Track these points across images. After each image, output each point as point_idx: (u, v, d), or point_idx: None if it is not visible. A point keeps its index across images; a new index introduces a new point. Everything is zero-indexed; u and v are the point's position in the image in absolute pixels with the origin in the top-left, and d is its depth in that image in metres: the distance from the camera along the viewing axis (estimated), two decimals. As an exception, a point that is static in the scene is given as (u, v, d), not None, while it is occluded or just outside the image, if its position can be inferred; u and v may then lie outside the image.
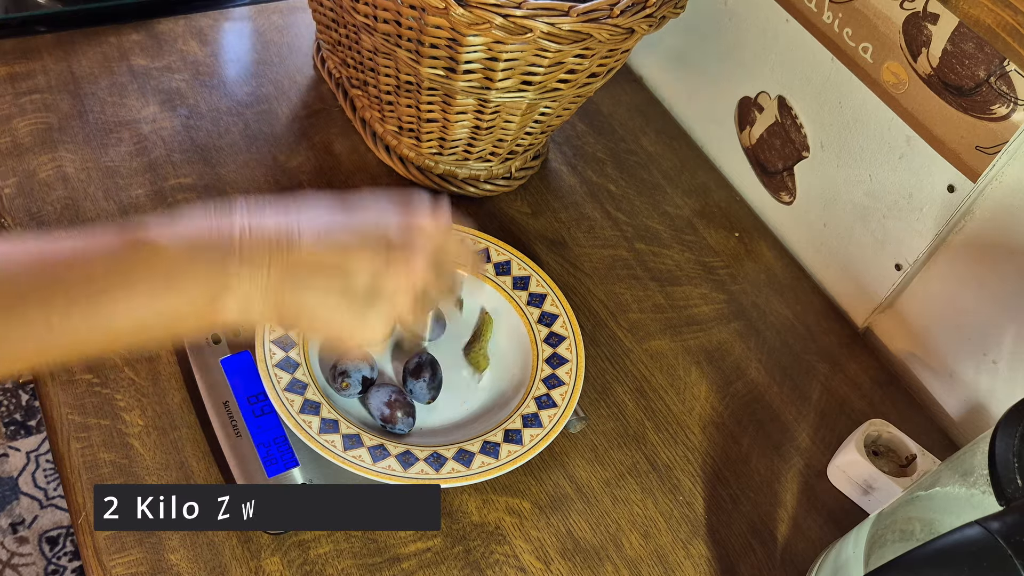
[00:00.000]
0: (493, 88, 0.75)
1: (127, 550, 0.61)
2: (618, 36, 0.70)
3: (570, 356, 0.73)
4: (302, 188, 0.86)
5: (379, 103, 0.86)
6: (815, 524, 0.73)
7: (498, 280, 0.77)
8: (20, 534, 1.45)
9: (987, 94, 0.70)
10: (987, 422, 0.78)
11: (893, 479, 0.71)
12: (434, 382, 0.71)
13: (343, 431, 0.65)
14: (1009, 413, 0.50)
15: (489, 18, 0.66)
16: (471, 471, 0.65)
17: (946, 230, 0.77)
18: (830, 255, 0.89)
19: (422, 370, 0.71)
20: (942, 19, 0.72)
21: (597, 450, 0.73)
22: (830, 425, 0.79)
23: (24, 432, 1.56)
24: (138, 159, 0.84)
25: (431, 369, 0.71)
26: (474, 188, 0.88)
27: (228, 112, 0.91)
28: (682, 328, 0.84)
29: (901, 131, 0.78)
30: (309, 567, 0.63)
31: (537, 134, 0.85)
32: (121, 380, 0.70)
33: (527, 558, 0.66)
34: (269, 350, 0.68)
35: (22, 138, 0.84)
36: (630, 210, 0.93)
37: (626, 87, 1.06)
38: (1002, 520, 0.43)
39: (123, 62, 0.93)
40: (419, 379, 0.70)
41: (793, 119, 0.89)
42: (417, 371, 0.71)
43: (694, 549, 0.69)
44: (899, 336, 0.85)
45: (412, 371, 0.71)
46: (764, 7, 0.88)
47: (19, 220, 0.77)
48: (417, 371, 0.71)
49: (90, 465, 0.65)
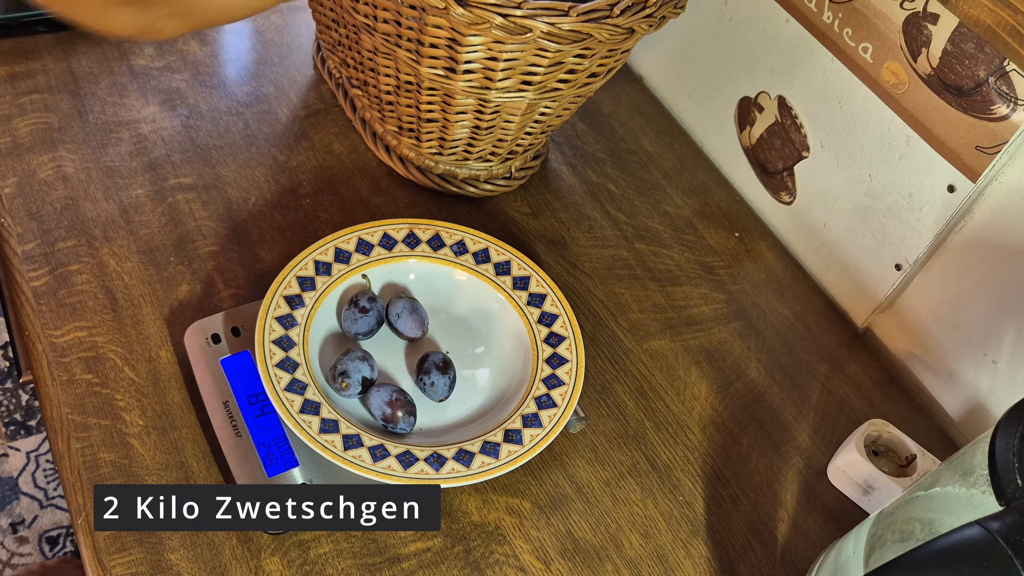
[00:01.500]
0: (493, 88, 0.75)
1: (127, 550, 0.61)
2: (618, 36, 0.70)
3: (570, 356, 0.73)
4: (302, 188, 0.86)
5: (379, 103, 0.86)
6: (815, 524, 0.73)
7: (498, 280, 0.77)
8: (20, 534, 1.45)
9: (987, 94, 0.70)
10: (987, 422, 0.78)
11: (893, 479, 0.71)
12: (453, 380, 0.72)
13: (343, 431, 0.65)
14: (1009, 413, 0.50)
15: (489, 18, 0.66)
16: (471, 471, 0.65)
17: (946, 230, 0.77)
18: (830, 255, 0.89)
19: (448, 367, 0.71)
20: (942, 19, 0.72)
21: (597, 450, 0.73)
22: (830, 425, 0.79)
23: (24, 432, 1.56)
24: (138, 159, 0.84)
25: (453, 368, 0.72)
26: (474, 188, 0.88)
27: (228, 112, 0.91)
28: (682, 328, 0.84)
29: (901, 131, 0.78)
30: (309, 567, 0.63)
31: (537, 134, 0.85)
32: (121, 380, 0.70)
33: (527, 558, 0.66)
34: (269, 350, 0.68)
35: (22, 138, 0.84)
36: (630, 210, 0.93)
37: (626, 87, 1.06)
38: (1002, 520, 0.43)
39: (123, 62, 0.93)
40: (445, 374, 0.71)
41: (793, 119, 0.89)
42: (445, 367, 0.71)
43: (694, 549, 0.69)
44: (899, 336, 0.85)
45: (440, 366, 0.71)
46: (764, 7, 0.88)
47: (19, 220, 0.77)
48: (445, 367, 0.71)
49: (90, 465, 0.65)
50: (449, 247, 0.78)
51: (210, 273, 0.77)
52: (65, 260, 0.76)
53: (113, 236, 0.78)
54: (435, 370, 0.71)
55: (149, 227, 0.80)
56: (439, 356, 0.72)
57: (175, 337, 0.73)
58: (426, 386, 0.71)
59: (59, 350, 0.70)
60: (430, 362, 0.72)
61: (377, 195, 0.87)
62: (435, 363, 0.71)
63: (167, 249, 0.78)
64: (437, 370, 0.71)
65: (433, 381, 0.71)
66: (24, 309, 0.73)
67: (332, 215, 0.84)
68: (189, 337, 0.71)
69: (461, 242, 0.78)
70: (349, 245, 0.76)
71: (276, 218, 0.83)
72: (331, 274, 0.74)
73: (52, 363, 0.69)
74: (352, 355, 0.69)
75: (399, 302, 0.74)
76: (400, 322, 0.73)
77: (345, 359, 0.69)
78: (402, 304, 0.74)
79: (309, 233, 0.82)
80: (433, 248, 0.78)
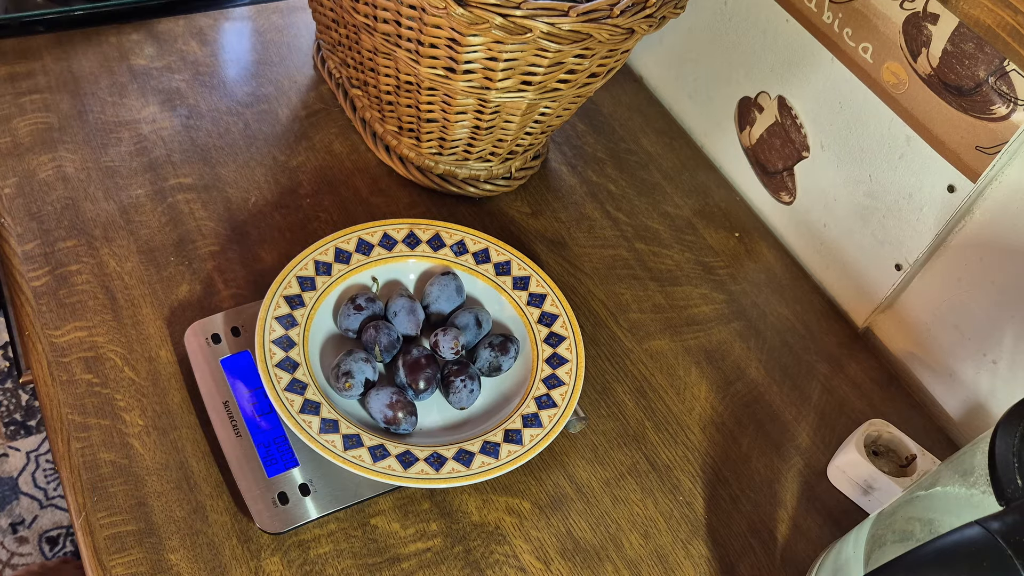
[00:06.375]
0: (493, 88, 0.75)
1: (127, 550, 0.61)
2: (618, 36, 0.70)
3: (570, 356, 0.73)
4: (302, 188, 0.86)
5: (379, 103, 0.86)
6: (815, 524, 0.73)
7: (498, 280, 0.77)
8: (20, 534, 1.45)
9: (987, 94, 0.70)
10: (987, 422, 0.78)
11: (893, 479, 0.71)
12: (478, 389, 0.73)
13: (343, 431, 0.65)
14: (1009, 413, 0.50)
15: (489, 18, 0.66)
16: (471, 471, 0.65)
17: (946, 230, 0.77)
18: (830, 255, 0.89)
19: (493, 369, 0.73)
20: (942, 19, 0.72)
21: (597, 450, 0.73)
22: (830, 425, 0.79)
23: (24, 432, 1.56)
24: (138, 159, 0.84)
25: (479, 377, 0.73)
26: (474, 188, 0.88)
27: (228, 112, 0.91)
28: (682, 328, 0.84)
29: (901, 131, 0.78)
30: (309, 567, 0.63)
31: (537, 134, 0.85)
32: (121, 380, 0.70)
33: (527, 558, 0.66)
34: (269, 350, 0.68)
35: (22, 138, 0.84)
36: (630, 210, 0.93)
37: (626, 87, 1.06)
38: (1002, 520, 0.43)
39: (123, 62, 0.93)
40: (477, 378, 0.72)
41: (793, 119, 0.89)
42: (492, 371, 0.73)
43: (694, 549, 0.69)
44: (899, 336, 0.85)
45: (487, 371, 0.73)
46: (764, 7, 0.88)
47: (19, 220, 0.77)
48: (492, 371, 0.73)
49: (90, 465, 0.65)
50: (449, 247, 0.78)
51: (210, 273, 0.77)
52: (65, 260, 0.76)
53: (113, 236, 0.78)
54: (486, 374, 0.73)
55: (149, 227, 0.80)
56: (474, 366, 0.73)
57: (175, 337, 0.73)
58: (467, 386, 0.71)
59: (59, 350, 0.70)
60: (485, 366, 0.73)
61: (377, 195, 0.87)
62: (470, 372, 0.72)
63: (167, 249, 0.78)
64: (487, 374, 0.73)
65: (465, 384, 0.71)
66: (24, 309, 0.73)
67: (332, 215, 0.84)
68: (189, 337, 0.71)
69: (461, 242, 0.78)
70: (349, 245, 0.76)
71: (276, 218, 0.83)
72: (331, 274, 0.74)
73: (52, 363, 0.69)
74: (355, 355, 0.69)
75: (398, 300, 0.74)
76: (397, 320, 0.73)
77: (348, 359, 0.69)
78: (401, 303, 0.74)
79: (309, 233, 0.82)
80: (433, 248, 0.78)
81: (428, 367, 0.70)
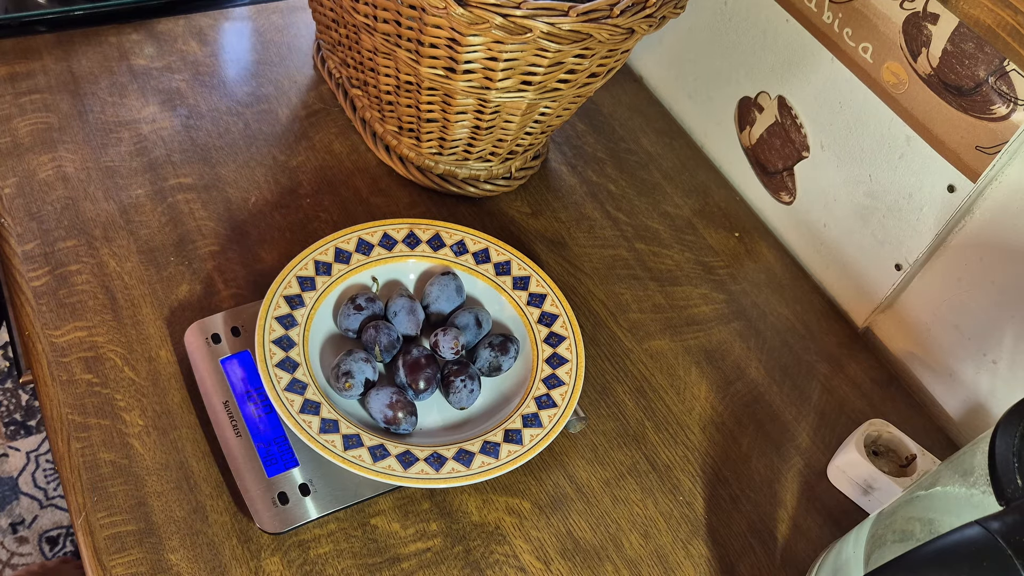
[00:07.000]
0: (493, 88, 0.75)
1: (127, 550, 0.61)
2: (618, 36, 0.70)
3: (570, 356, 0.73)
4: (302, 188, 0.86)
5: (379, 103, 0.86)
6: (815, 524, 0.73)
7: (498, 280, 0.77)
8: (20, 534, 1.45)
9: (987, 94, 0.70)
10: (987, 422, 0.78)
11: (893, 479, 0.71)
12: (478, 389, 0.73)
13: (343, 431, 0.65)
14: (1009, 413, 0.50)
15: (489, 18, 0.66)
16: (471, 471, 0.65)
17: (946, 230, 0.77)
18: (830, 255, 0.89)
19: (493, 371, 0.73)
20: (942, 19, 0.72)
21: (597, 450, 0.73)
22: (830, 425, 0.79)
23: (24, 432, 1.56)
24: (138, 159, 0.84)
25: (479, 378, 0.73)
26: (474, 188, 0.88)
27: (228, 112, 0.91)
28: (682, 328, 0.84)
29: (901, 131, 0.78)
30: (309, 567, 0.63)
31: (537, 134, 0.85)
32: (121, 380, 0.70)
33: (527, 558, 0.66)
34: (269, 350, 0.68)
35: (22, 138, 0.84)
36: (630, 210, 0.93)
37: (626, 87, 1.06)
38: (1002, 520, 0.43)
39: (123, 62, 0.93)
40: (477, 378, 0.72)
41: (793, 119, 0.89)
42: (492, 371, 0.73)
43: (694, 549, 0.69)
44: (899, 336, 0.85)
45: (487, 371, 0.73)
46: (764, 7, 0.88)
47: (19, 220, 0.77)
48: (492, 371, 0.73)
49: (90, 465, 0.65)
50: (449, 247, 0.78)
51: (210, 273, 0.77)
52: (65, 260, 0.76)
53: (113, 236, 0.78)
54: (486, 374, 0.73)
55: (149, 227, 0.80)
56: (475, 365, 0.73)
57: (175, 337, 0.73)
58: (466, 386, 0.71)
59: (59, 350, 0.70)
60: (486, 366, 0.73)
61: (377, 195, 0.87)
62: (470, 371, 0.72)
63: (167, 249, 0.78)
64: (487, 375, 0.73)
65: (464, 384, 0.71)
66: (24, 309, 0.73)
67: (332, 215, 0.84)
68: (189, 337, 0.71)
69: (461, 242, 0.78)
70: (349, 245, 0.76)
71: (276, 218, 0.83)
72: (331, 274, 0.74)
73: (52, 363, 0.69)
74: (355, 355, 0.69)
75: (398, 300, 0.74)
76: (397, 320, 0.73)
77: (348, 359, 0.69)
78: (401, 303, 0.74)
79: (309, 233, 0.82)
80: (433, 248, 0.78)
81: (428, 367, 0.70)
